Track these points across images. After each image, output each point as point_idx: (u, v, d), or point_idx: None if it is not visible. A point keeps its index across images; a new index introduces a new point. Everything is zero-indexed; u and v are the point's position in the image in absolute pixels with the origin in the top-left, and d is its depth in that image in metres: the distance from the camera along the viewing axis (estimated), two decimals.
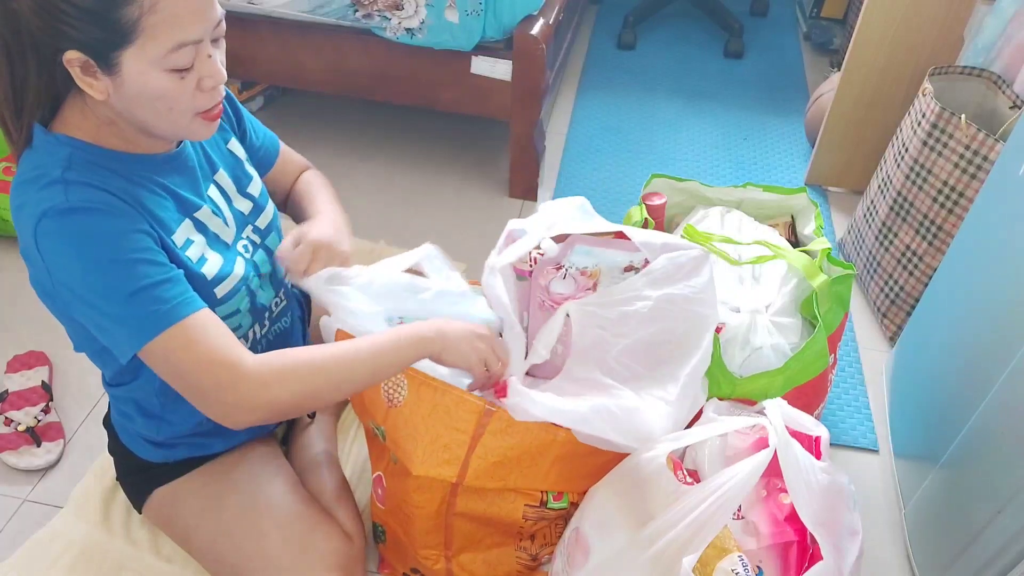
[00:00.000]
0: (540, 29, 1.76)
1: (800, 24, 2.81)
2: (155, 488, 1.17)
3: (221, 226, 1.06)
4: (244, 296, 1.07)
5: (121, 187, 0.92)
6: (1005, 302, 1.13)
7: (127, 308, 0.89)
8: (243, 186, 1.12)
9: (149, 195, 0.95)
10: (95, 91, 0.87)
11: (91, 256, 0.88)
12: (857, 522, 0.99)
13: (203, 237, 1.02)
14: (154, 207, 0.95)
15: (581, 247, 1.17)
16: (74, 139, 0.92)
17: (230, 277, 1.04)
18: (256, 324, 1.13)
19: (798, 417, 1.03)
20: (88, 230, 0.88)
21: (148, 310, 0.89)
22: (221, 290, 1.03)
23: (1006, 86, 1.57)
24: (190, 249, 0.99)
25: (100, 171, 0.92)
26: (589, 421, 0.99)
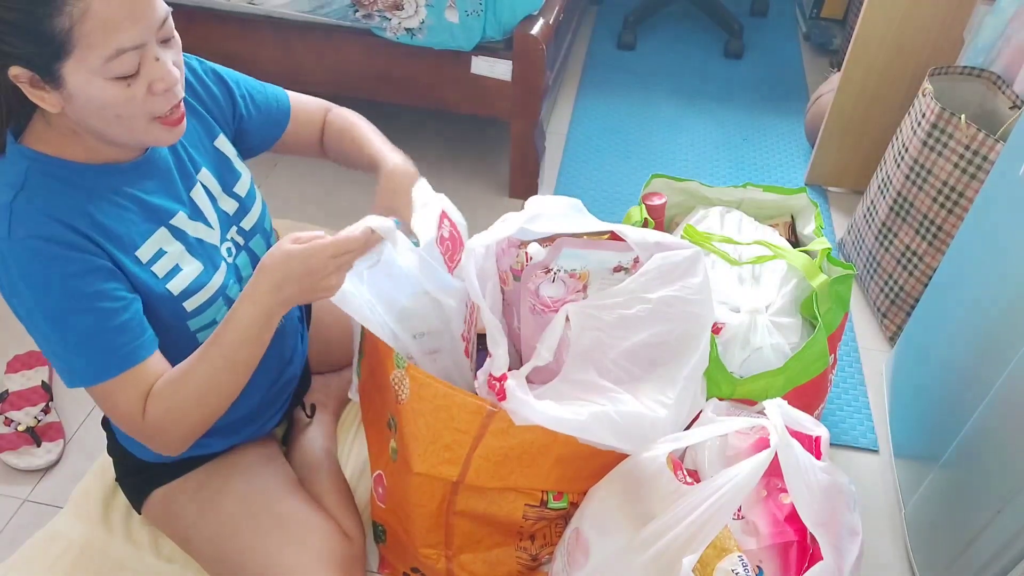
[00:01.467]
0: (540, 29, 1.76)
1: (800, 24, 2.81)
2: (154, 488, 1.17)
3: (204, 230, 1.03)
4: (222, 306, 1.04)
5: (75, 208, 0.88)
6: (1005, 302, 1.13)
7: (67, 350, 0.91)
8: (229, 185, 1.09)
9: (111, 210, 0.92)
10: (48, 104, 0.84)
11: (27, 297, 0.88)
12: (857, 522, 0.99)
13: (181, 245, 0.99)
14: (115, 224, 0.92)
15: (568, 250, 1.18)
16: (36, 152, 0.89)
17: (205, 288, 1.01)
18: None
19: (798, 417, 1.03)
20: (24, 272, 0.86)
21: (88, 357, 0.91)
22: (192, 303, 1.00)
23: (1006, 86, 1.57)
24: (159, 263, 0.96)
25: (57, 188, 0.88)
26: (589, 428, 0.99)
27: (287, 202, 2.02)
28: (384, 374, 1.08)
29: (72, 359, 0.91)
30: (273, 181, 2.10)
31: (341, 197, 2.04)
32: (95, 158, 0.92)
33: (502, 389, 0.99)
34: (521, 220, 1.11)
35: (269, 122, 1.16)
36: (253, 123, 1.14)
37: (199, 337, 1.02)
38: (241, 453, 1.20)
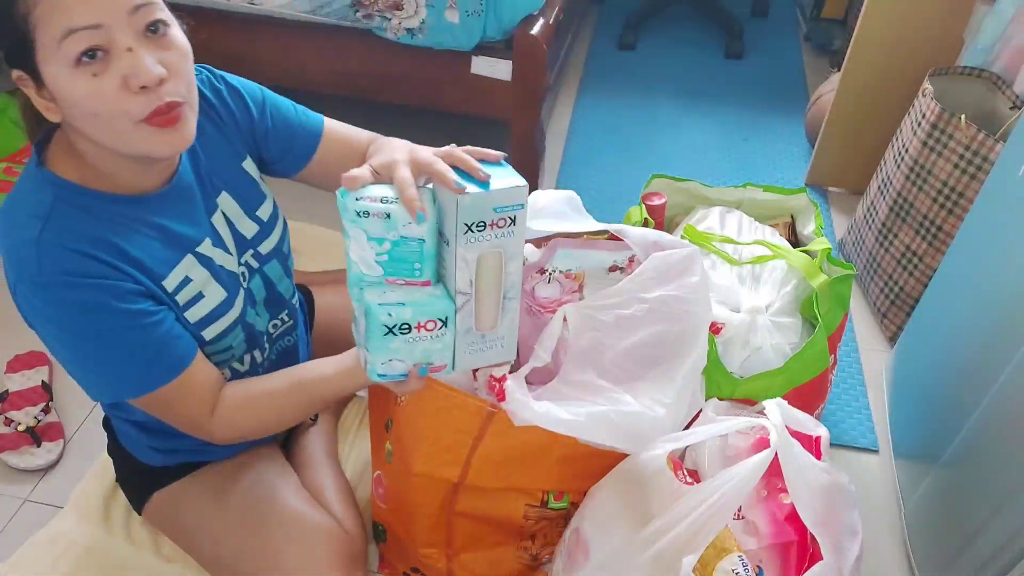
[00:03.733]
0: (540, 29, 1.76)
1: (800, 25, 2.81)
2: (155, 491, 1.17)
3: (224, 256, 1.01)
4: (239, 334, 1.04)
5: (101, 237, 0.86)
6: (1005, 302, 1.13)
7: (106, 372, 0.91)
8: (253, 208, 1.05)
9: (137, 240, 0.90)
10: (50, 113, 0.82)
11: (70, 329, 0.88)
12: (857, 522, 0.99)
13: (207, 271, 0.98)
14: (141, 255, 0.90)
15: (563, 250, 1.18)
16: (61, 179, 0.87)
17: (226, 316, 1.00)
18: (256, 350, 1.10)
19: (798, 417, 1.03)
20: (66, 305, 0.85)
21: (133, 373, 0.91)
22: (211, 332, 0.99)
23: (1006, 86, 1.57)
24: (184, 291, 0.95)
25: (82, 218, 0.86)
26: (588, 429, 0.99)
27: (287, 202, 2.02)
28: None
29: (121, 372, 0.91)
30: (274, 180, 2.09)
31: None
32: (119, 188, 0.89)
33: (501, 390, 0.99)
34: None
35: (296, 144, 1.08)
36: (276, 141, 1.07)
37: (216, 359, 1.01)
38: (242, 454, 1.20)
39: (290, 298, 1.16)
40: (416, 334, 0.87)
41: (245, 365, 1.09)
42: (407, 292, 0.88)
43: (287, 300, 1.15)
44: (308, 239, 1.76)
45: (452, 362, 0.93)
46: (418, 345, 0.88)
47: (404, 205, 0.83)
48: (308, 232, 1.79)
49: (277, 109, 1.07)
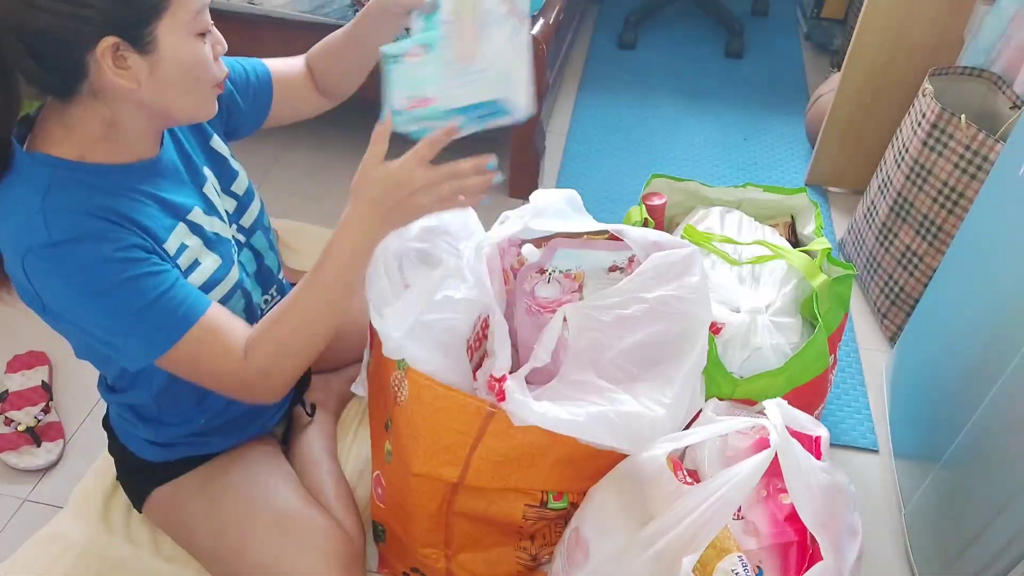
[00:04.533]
0: (540, 29, 1.76)
1: (800, 24, 2.81)
2: (155, 488, 1.17)
3: (220, 225, 1.04)
4: (239, 300, 1.06)
5: (103, 204, 0.89)
6: (1005, 302, 1.13)
7: (136, 324, 0.90)
8: (227, 184, 1.10)
9: (135, 206, 0.92)
10: (127, 79, 0.85)
11: (88, 287, 0.88)
12: (857, 522, 0.99)
13: (199, 239, 1.00)
14: (142, 218, 0.92)
15: (563, 250, 1.18)
16: (54, 158, 0.88)
17: (224, 282, 1.02)
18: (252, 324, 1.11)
19: (798, 417, 1.03)
20: (79, 262, 0.86)
21: (156, 323, 0.90)
22: (214, 296, 1.00)
23: (1006, 86, 1.57)
24: (182, 256, 0.97)
25: (81, 190, 0.88)
26: (588, 429, 0.99)
27: (287, 202, 2.02)
28: (385, 375, 1.08)
29: (144, 325, 0.90)
30: (273, 181, 2.10)
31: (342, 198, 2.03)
32: (114, 159, 0.92)
33: (501, 390, 0.99)
34: (527, 216, 1.11)
35: (257, 101, 1.15)
36: (244, 107, 1.13)
37: None
38: (242, 452, 1.20)
39: (277, 272, 1.18)
40: (406, 62, 0.92)
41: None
42: (415, 36, 0.95)
43: (275, 274, 1.17)
44: (308, 239, 1.76)
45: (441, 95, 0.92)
46: (408, 73, 0.91)
47: None
48: (308, 232, 1.79)
49: (236, 79, 1.12)
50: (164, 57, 0.86)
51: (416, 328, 1.02)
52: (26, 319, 0.98)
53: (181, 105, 0.92)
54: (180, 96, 0.90)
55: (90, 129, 0.90)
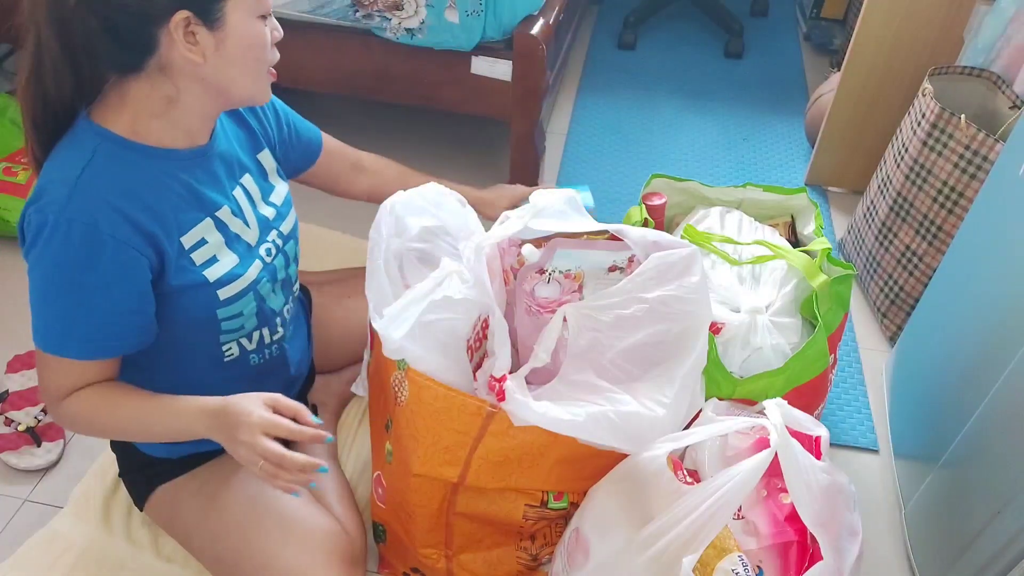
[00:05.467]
0: (540, 29, 1.76)
1: (800, 24, 2.81)
2: (157, 486, 1.17)
3: (242, 227, 1.07)
4: (251, 300, 1.08)
5: (133, 192, 0.93)
6: (1005, 302, 1.13)
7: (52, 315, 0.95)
8: (267, 195, 1.14)
9: (166, 194, 0.97)
10: (195, 54, 0.90)
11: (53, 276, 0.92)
12: (857, 522, 0.99)
13: (221, 236, 1.03)
14: (168, 208, 0.97)
15: (562, 250, 1.18)
16: (106, 130, 0.93)
17: (240, 279, 1.05)
18: (264, 328, 1.13)
19: (798, 417, 1.03)
20: (67, 250, 0.90)
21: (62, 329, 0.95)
22: (225, 292, 1.03)
23: (1006, 86, 1.57)
24: (200, 250, 1.00)
25: (120, 169, 0.93)
26: (588, 429, 0.99)
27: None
28: (385, 376, 1.08)
29: (53, 325, 0.95)
30: None
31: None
32: (162, 142, 0.96)
33: (501, 390, 0.99)
34: (527, 216, 1.11)
35: (305, 152, 1.26)
36: (292, 149, 1.22)
37: (223, 326, 1.06)
38: None
39: (295, 282, 1.21)
40: None
41: (252, 343, 1.12)
42: None
43: (294, 284, 1.21)
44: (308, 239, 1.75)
45: None
46: None
47: None
48: (308, 232, 1.78)
49: (292, 116, 1.23)
50: (230, 34, 0.91)
51: (416, 328, 1.02)
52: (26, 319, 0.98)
53: (241, 83, 0.96)
54: (240, 75, 0.95)
55: (150, 105, 0.94)
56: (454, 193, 1.22)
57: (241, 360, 1.12)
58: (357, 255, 1.32)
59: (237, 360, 1.12)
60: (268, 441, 0.92)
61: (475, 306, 1.07)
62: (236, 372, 1.13)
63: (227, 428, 0.94)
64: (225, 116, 1.08)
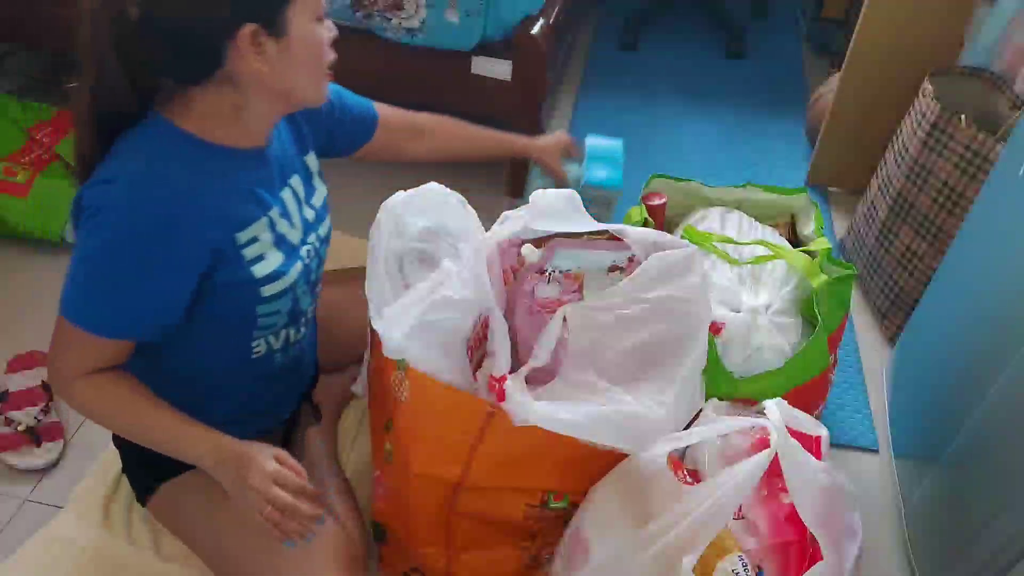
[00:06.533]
0: (540, 29, 1.76)
1: (801, 25, 2.81)
2: (162, 482, 1.17)
3: (288, 228, 1.09)
4: (288, 300, 1.10)
5: (196, 188, 0.95)
6: (1005, 302, 1.13)
7: (81, 291, 0.95)
8: (309, 197, 1.15)
9: (229, 191, 0.99)
10: (262, 64, 0.92)
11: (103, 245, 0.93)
12: (857, 522, 0.99)
13: (271, 236, 1.05)
14: (228, 204, 0.99)
15: (563, 251, 1.18)
16: (175, 126, 0.95)
17: (283, 278, 1.07)
18: (292, 328, 1.15)
19: (798, 417, 1.03)
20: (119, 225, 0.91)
21: (86, 307, 0.95)
22: (269, 290, 1.05)
23: (1006, 87, 1.57)
24: (251, 247, 1.02)
25: (184, 165, 0.95)
26: (588, 429, 0.99)
27: None
28: (385, 376, 1.08)
29: (89, 298, 0.95)
30: None
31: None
32: (227, 141, 0.99)
33: (501, 390, 0.99)
34: (527, 216, 1.11)
35: (359, 128, 1.29)
36: (344, 128, 1.24)
37: (260, 323, 1.08)
38: None
39: (319, 284, 1.23)
40: None
41: (279, 341, 1.14)
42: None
43: (318, 286, 1.22)
44: None
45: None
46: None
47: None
48: None
49: (343, 101, 1.24)
50: (293, 40, 0.93)
51: (416, 328, 1.02)
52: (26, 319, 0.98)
53: (303, 86, 1.00)
54: (303, 78, 0.99)
55: (215, 112, 0.96)
56: (454, 193, 1.22)
57: (266, 358, 1.14)
58: (357, 255, 1.32)
59: (262, 358, 1.13)
60: (279, 490, 0.97)
61: (475, 306, 1.07)
62: (259, 370, 1.15)
63: (239, 471, 0.99)
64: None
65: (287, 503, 0.97)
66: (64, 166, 1.87)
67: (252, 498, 0.99)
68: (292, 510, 0.98)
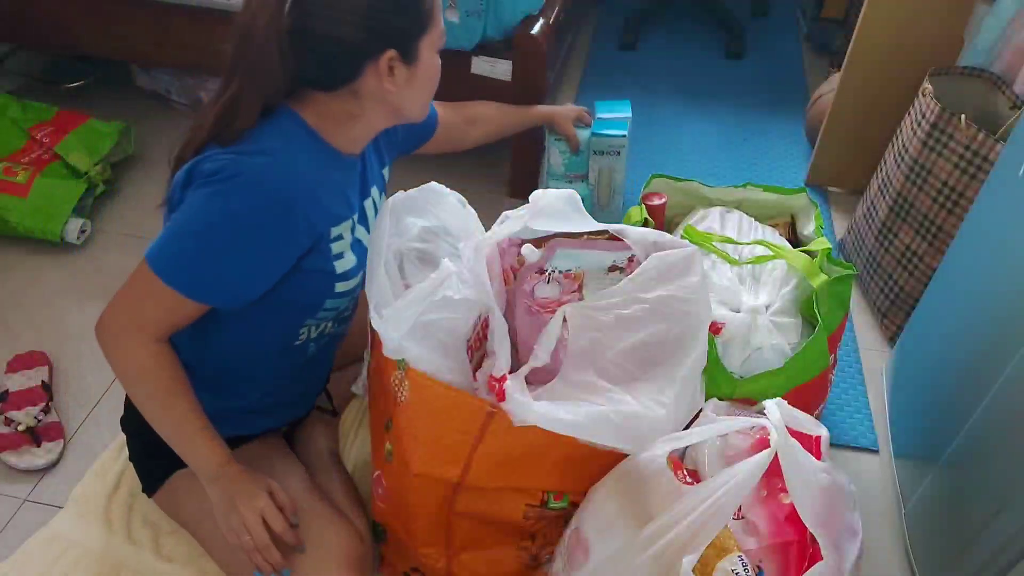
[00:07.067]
0: (540, 29, 1.76)
1: (800, 25, 2.81)
2: (171, 473, 1.17)
3: (364, 235, 1.14)
4: (350, 299, 1.15)
5: (312, 181, 1.00)
6: (1005, 302, 1.13)
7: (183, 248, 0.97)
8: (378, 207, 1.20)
9: (332, 187, 1.05)
10: (391, 85, 1.00)
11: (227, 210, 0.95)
12: (857, 522, 0.99)
13: (351, 238, 1.10)
14: (329, 199, 1.05)
15: (563, 250, 1.18)
16: (301, 118, 1.02)
17: (354, 279, 1.12)
18: (333, 322, 1.18)
19: (798, 417, 1.03)
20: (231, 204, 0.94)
21: (183, 265, 0.97)
22: (341, 287, 1.10)
23: (1006, 86, 1.57)
24: (337, 243, 1.07)
25: (308, 157, 1.01)
26: (588, 429, 0.99)
27: None
28: (385, 375, 1.08)
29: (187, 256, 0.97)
30: None
31: None
32: (333, 143, 1.05)
33: (501, 390, 0.99)
34: (527, 216, 1.11)
35: (423, 129, 1.36)
36: (411, 131, 1.31)
37: (319, 315, 1.12)
38: (255, 448, 1.20)
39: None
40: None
41: (316, 332, 1.17)
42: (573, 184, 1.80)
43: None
44: None
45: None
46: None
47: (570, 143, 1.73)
48: None
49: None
50: (420, 67, 1.02)
51: (416, 328, 1.02)
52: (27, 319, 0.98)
53: (416, 105, 1.07)
54: (419, 99, 1.07)
55: (333, 115, 1.03)
56: (454, 193, 1.22)
57: (303, 347, 1.17)
58: None
59: (301, 346, 1.16)
60: (262, 528, 1.04)
61: (475, 306, 1.07)
62: (292, 358, 1.18)
63: (234, 492, 1.05)
64: None
65: (264, 544, 1.04)
66: (64, 166, 1.87)
67: (235, 523, 1.04)
68: (265, 551, 1.04)
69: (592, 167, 1.77)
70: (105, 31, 2.00)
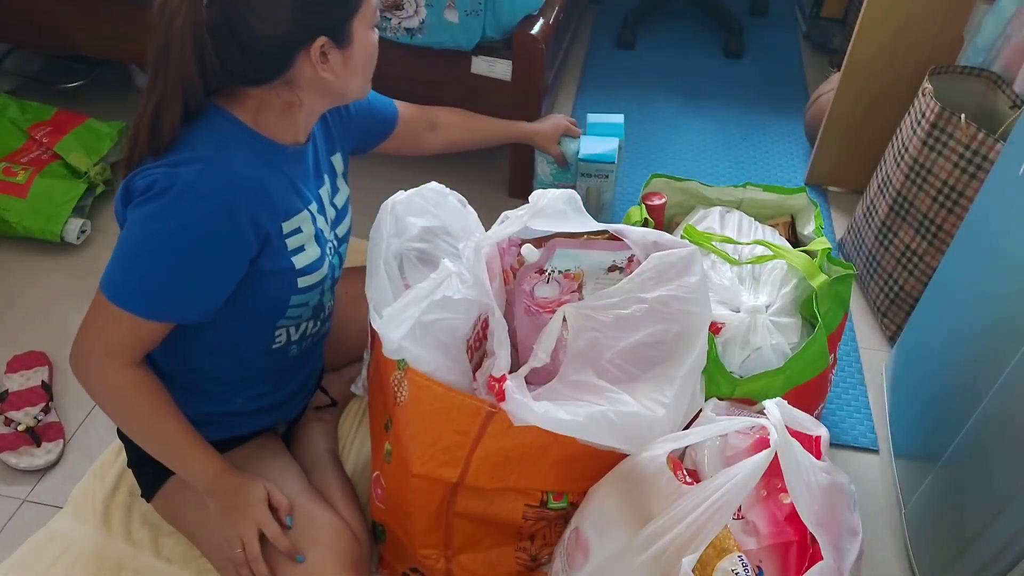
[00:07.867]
0: (540, 29, 1.76)
1: (800, 24, 2.81)
2: (169, 477, 1.17)
3: (323, 223, 1.13)
4: (317, 293, 1.13)
5: (254, 179, 0.98)
6: (1005, 302, 1.13)
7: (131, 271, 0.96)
8: (333, 195, 1.18)
9: (278, 183, 1.03)
10: (327, 72, 0.98)
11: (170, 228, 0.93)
12: (857, 522, 0.99)
13: (312, 229, 1.09)
14: (278, 195, 1.03)
15: (562, 250, 1.18)
16: (234, 116, 0.99)
17: (318, 272, 1.10)
18: (311, 321, 1.18)
19: (798, 417, 1.03)
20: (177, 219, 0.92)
21: (134, 288, 0.96)
22: (304, 281, 1.09)
23: (1006, 86, 1.57)
24: (294, 237, 1.06)
25: (247, 156, 0.99)
26: (587, 429, 0.99)
27: None
28: (385, 375, 1.08)
29: (137, 279, 0.96)
30: None
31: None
32: (275, 136, 1.03)
33: (501, 390, 0.99)
34: (527, 216, 1.11)
35: (380, 126, 1.34)
36: (366, 125, 1.28)
37: (289, 314, 1.11)
38: (252, 449, 1.20)
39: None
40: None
41: (296, 334, 1.16)
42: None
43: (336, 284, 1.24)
44: None
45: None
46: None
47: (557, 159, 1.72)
48: None
49: (368, 102, 1.27)
50: (355, 48, 0.99)
51: (416, 328, 1.02)
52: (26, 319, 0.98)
53: (355, 86, 1.05)
54: (357, 79, 1.04)
55: (270, 108, 1.01)
56: (454, 193, 1.22)
57: (284, 349, 1.16)
58: (357, 255, 1.32)
59: (282, 348, 1.16)
60: (255, 540, 1.06)
61: (475, 306, 1.07)
62: (274, 361, 1.17)
63: (230, 502, 1.07)
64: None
65: (255, 556, 1.06)
66: (64, 166, 1.87)
67: (229, 533, 1.07)
68: (254, 564, 1.06)
69: (580, 185, 1.72)
70: (103, 32, 2.00)
